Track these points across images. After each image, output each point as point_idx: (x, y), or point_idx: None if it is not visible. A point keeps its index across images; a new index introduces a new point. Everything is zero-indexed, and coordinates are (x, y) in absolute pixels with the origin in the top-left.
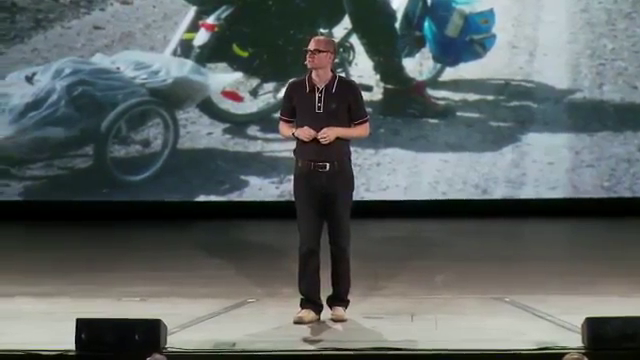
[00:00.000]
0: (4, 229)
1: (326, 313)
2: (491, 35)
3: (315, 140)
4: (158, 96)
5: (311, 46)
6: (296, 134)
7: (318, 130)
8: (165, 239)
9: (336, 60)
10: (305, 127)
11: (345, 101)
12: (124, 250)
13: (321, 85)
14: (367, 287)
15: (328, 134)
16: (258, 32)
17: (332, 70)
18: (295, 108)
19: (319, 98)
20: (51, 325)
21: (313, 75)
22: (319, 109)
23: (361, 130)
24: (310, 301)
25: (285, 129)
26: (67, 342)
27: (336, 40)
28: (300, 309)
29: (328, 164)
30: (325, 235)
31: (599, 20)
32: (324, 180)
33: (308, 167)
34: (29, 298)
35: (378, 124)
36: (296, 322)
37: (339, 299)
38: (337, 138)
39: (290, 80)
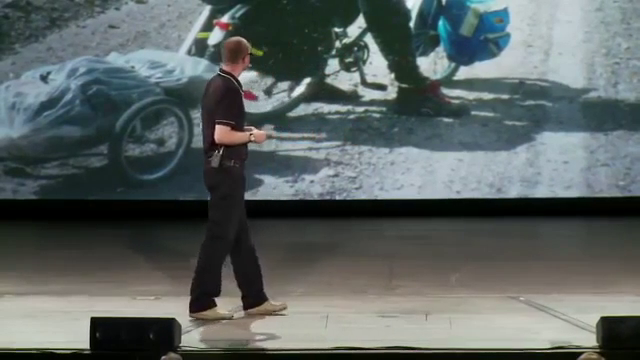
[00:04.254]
0: (19, 228)
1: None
2: (506, 34)
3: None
4: (173, 95)
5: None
6: (255, 139)
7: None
8: (179, 238)
9: (350, 59)
10: (262, 131)
11: None
12: (138, 249)
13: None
14: (382, 286)
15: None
16: (273, 31)
17: None
18: (237, 113)
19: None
20: (66, 324)
21: (238, 77)
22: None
23: None
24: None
25: (237, 134)
26: (82, 341)
27: (351, 39)
28: (214, 306)
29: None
30: None
31: (614, 19)
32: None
33: (242, 167)
34: (44, 297)
35: (392, 123)
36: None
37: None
38: None
39: (232, 85)
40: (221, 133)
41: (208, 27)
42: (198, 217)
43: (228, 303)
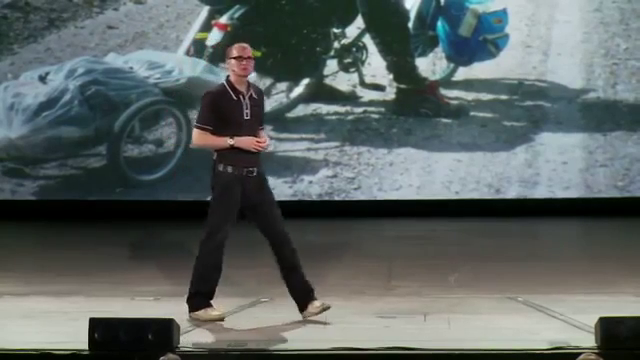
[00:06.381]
0: (18, 228)
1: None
2: (504, 35)
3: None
4: (171, 96)
5: (245, 53)
6: (239, 144)
7: (248, 136)
8: (178, 238)
9: (349, 60)
10: (250, 138)
11: (262, 106)
12: (137, 249)
13: (246, 92)
14: (380, 286)
15: (268, 143)
16: (271, 32)
17: None
18: (219, 118)
19: (246, 105)
20: (65, 324)
21: (237, 82)
22: (247, 116)
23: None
24: (211, 297)
25: (209, 138)
26: (80, 341)
27: (349, 40)
28: (207, 307)
29: (256, 169)
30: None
31: (613, 19)
32: (252, 185)
33: (241, 173)
34: (43, 297)
35: (391, 124)
36: (221, 319)
37: (310, 289)
38: None
39: (208, 91)
40: (193, 136)
41: (206, 28)
42: (197, 217)
43: (227, 305)
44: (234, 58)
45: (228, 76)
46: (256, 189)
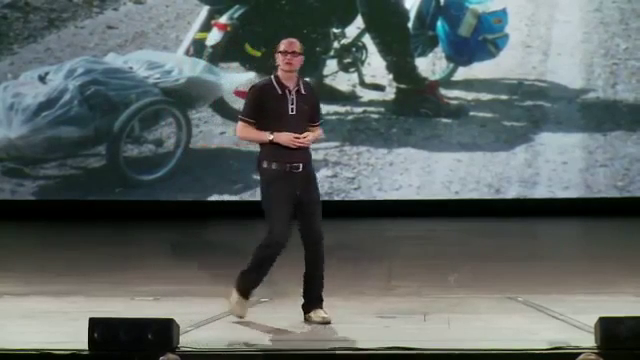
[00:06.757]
0: (18, 228)
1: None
2: (504, 35)
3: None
4: (171, 95)
5: (290, 48)
6: (278, 140)
7: (292, 132)
8: (178, 238)
9: (349, 60)
10: (288, 133)
11: (311, 102)
12: (137, 249)
13: (292, 87)
14: (380, 286)
15: (309, 140)
16: (271, 32)
17: None
18: (263, 111)
19: (292, 100)
20: (65, 324)
21: (283, 77)
22: (292, 111)
23: (320, 132)
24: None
25: (252, 132)
26: (80, 341)
27: (349, 40)
28: (242, 301)
29: (301, 165)
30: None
31: (613, 19)
32: (298, 181)
33: (284, 169)
34: (42, 297)
35: (391, 124)
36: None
37: (321, 299)
38: None
39: (256, 83)
40: (237, 127)
41: (206, 28)
42: (197, 217)
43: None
44: (280, 52)
45: (276, 70)
46: (303, 186)
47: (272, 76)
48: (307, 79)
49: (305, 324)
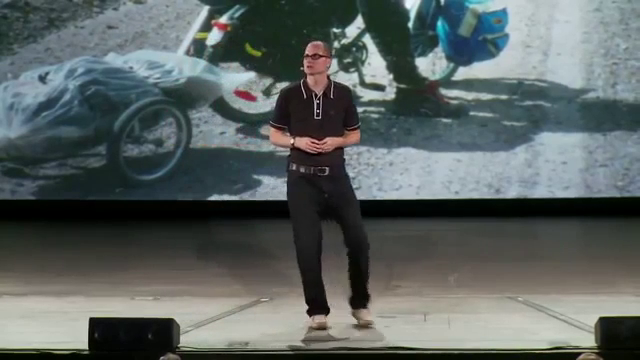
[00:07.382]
0: (18, 228)
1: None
2: (504, 34)
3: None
4: (171, 95)
5: (310, 51)
6: (297, 144)
7: (317, 137)
8: (178, 238)
9: (349, 60)
10: (306, 138)
11: (342, 106)
12: (137, 249)
13: (319, 91)
14: (380, 286)
15: (329, 145)
16: (271, 32)
17: (327, 75)
18: (289, 115)
19: (318, 104)
20: (65, 324)
21: (309, 81)
22: (318, 115)
23: (355, 137)
24: (323, 305)
25: (280, 137)
26: (80, 341)
27: (349, 39)
28: (314, 315)
29: (327, 168)
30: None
31: (612, 19)
32: (325, 185)
33: (309, 172)
34: (42, 297)
35: (391, 124)
36: (318, 328)
37: (364, 297)
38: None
39: (284, 87)
40: (269, 133)
41: (206, 27)
42: (196, 218)
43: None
44: (304, 56)
45: (305, 74)
46: (330, 188)
47: (302, 80)
48: (344, 83)
49: (305, 324)
